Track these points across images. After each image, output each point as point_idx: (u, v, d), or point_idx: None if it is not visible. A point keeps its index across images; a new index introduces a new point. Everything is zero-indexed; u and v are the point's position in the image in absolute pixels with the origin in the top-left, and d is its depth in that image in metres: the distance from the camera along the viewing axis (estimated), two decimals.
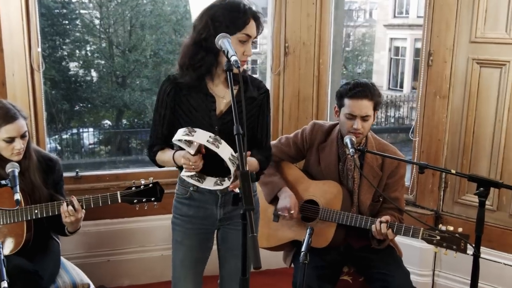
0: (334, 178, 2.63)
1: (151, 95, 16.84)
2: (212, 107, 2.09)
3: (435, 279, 3.24)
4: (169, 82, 2.10)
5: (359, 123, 2.50)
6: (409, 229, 2.37)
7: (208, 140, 1.91)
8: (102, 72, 16.51)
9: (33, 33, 3.14)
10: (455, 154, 3.10)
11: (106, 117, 16.50)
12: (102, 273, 3.41)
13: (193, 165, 1.97)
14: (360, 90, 2.50)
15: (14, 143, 2.41)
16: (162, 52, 16.96)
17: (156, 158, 2.19)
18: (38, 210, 2.40)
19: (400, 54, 19.88)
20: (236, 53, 1.82)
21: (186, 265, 2.21)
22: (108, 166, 14.28)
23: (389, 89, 19.97)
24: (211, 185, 2.05)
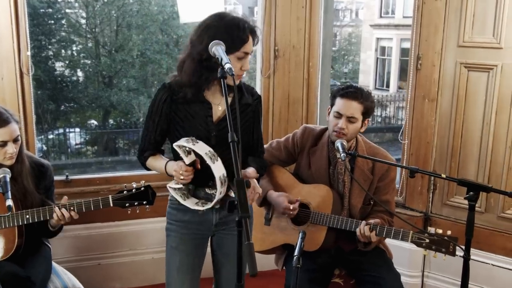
0: (324, 182, 2.65)
1: (138, 95, 16.77)
2: (208, 113, 2.11)
3: (424, 280, 3.28)
4: (165, 90, 2.11)
5: (343, 122, 2.53)
6: (399, 232, 2.40)
7: (206, 153, 1.97)
8: (89, 72, 16.41)
9: (22, 36, 3.12)
10: (444, 157, 3.14)
11: (93, 117, 16.40)
12: (93, 277, 3.40)
13: (183, 174, 2.00)
14: (352, 91, 2.55)
15: (7, 147, 2.39)
16: (149, 52, 16.90)
17: (147, 163, 2.22)
18: (29, 215, 2.39)
19: (386, 54, 20.01)
20: (233, 67, 1.83)
21: (183, 271, 2.21)
22: (96, 167, 14.21)
23: (375, 89, 20.11)
24: (192, 204, 2.10)
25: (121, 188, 3.58)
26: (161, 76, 16.53)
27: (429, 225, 3.21)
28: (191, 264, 2.22)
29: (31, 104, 3.26)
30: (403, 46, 19.25)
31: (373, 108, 2.60)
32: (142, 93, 16.39)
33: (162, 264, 3.57)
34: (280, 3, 3.49)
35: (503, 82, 2.89)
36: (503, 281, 2.98)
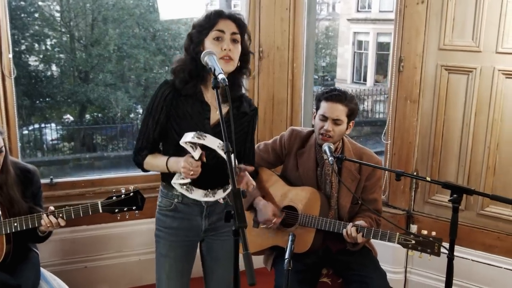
0: (312, 183, 2.70)
1: (115, 91, 16.57)
2: (206, 115, 2.13)
3: (407, 275, 3.37)
4: (168, 85, 2.13)
5: (329, 125, 2.58)
6: (386, 234, 2.46)
7: (218, 146, 1.98)
8: (64, 67, 16.13)
9: (4, 39, 3.09)
10: (425, 156, 3.22)
11: (69, 113, 16.16)
12: (79, 280, 3.39)
13: (194, 170, 1.99)
14: (336, 94, 2.61)
15: None
16: (126, 46, 16.67)
17: (145, 162, 2.18)
18: (17, 223, 2.39)
19: (363, 48, 20.18)
20: (216, 54, 1.95)
21: (172, 277, 2.23)
22: (73, 164, 14.03)
23: (353, 83, 20.28)
24: (200, 196, 2.09)
25: (106, 190, 3.62)
26: (138, 71, 16.37)
27: (412, 222, 3.30)
28: (181, 271, 2.25)
29: (14, 107, 3.23)
30: (379, 40, 19.45)
31: (357, 110, 2.66)
32: (119, 88, 16.21)
33: (149, 265, 3.61)
34: (264, 5, 3.51)
35: (482, 84, 2.98)
36: (482, 275, 3.09)
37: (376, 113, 16.73)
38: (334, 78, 21.73)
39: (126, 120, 16.64)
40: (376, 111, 16.84)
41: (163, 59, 17.41)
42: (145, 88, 17.08)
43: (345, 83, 20.00)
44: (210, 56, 1.92)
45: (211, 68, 1.86)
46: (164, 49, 17.60)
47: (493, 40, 2.92)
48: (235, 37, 2.07)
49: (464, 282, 3.09)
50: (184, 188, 2.09)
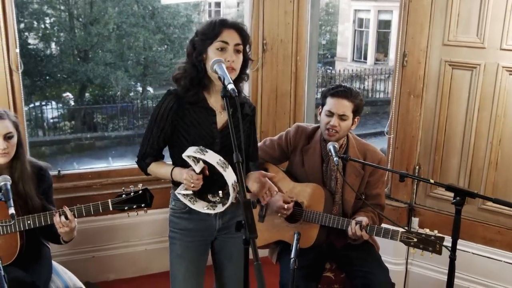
0: (317, 179, 2.75)
1: (115, 69, 16.51)
2: (213, 120, 2.18)
3: (408, 267, 3.44)
4: (172, 96, 2.17)
5: (335, 120, 2.63)
6: (388, 231, 2.52)
7: (217, 162, 2.04)
8: (63, 45, 16.04)
9: (11, 34, 3.10)
10: (428, 150, 3.26)
11: (69, 91, 16.12)
12: (87, 269, 3.47)
13: (194, 182, 2.06)
14: (342, 90, 2.65)
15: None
16: (125, 25, 16.56)
17: (149, 168, 2.27)
18: (30, 221, 2.43)
19: (364, 26, 20.04)
20: None
21: (189, 277, 2.29)
22: (74, 144, 14.06)
23: (353, 61, 20.19)
24: (201, 208, 2.16)
25: (113, 182, 3.68)
26: (137, 49, 16.29)
27: (413, 215, 3.36)
28: (196, 271, 2.31)
29: (21, 101, 3.27)
30: (380, 18, 19.30)
31: (362, 106, 2.70)
32: (119, 67, 16.16)
33: (155, 255, 3.70)
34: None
35: (486, 80, 3.00)
36: (482, 268, 3.16)
37: (377, 92, 16.68)
38: (334, 56, 21.64)
39: (126, 99, 16.63)
40: (377, 89, 16.80)
41: (162, 38, 17.30)
42: (144, 67, 17.02)
43: (345, 61, 19.93)
44: (219, 65, 1.95)
45: (221, 77, 1.89)
46: (163, 28, 17.47)
47: (498, 37, 2.93)
48: (238, 48, 2.11)
49: (465, 275, 3.16)
50: (187, 199, 2.15)
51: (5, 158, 2.44)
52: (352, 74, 16.33)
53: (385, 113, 15.18)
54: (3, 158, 2.43)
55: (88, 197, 3.41)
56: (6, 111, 2.51)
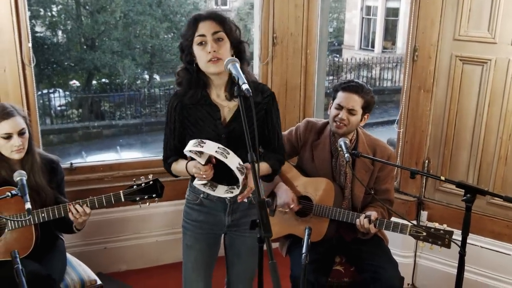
0: (327, 174, 2.78)
1: (122, 58, 16.51)
2: (217, 116, 2.20)
3: (416, 260, 3.48)
4: (176, 97, 2.23)
5: (344, 114, 2.66)
6: (398, 225, 2.55)
7: (216, 150, 2.03)
8: (70, 33, 16.05)
9: (23, 28, 3.13)
10: (437, 144, 3.28)
11: (76, 79, 16.15)
12: (99, 260, 3.53)
13: (204, 174, 2.09)
14: (353, 85, 2.68)
15: (12, 140, 2.46)
16: (132, 13, 16.53)
17: (171, 169, 2.31)
18: (45, 214, 2.48)
19: (372, 14, 19.90)
20: (204, 59, 2.06)
21: (198, 267, 2.34)
22: (82, 132, 14.12)
23: (360, 49, 20.07)
24: (222, 193, 2.18)
25: (124, 174, 3.72)
26: (144, 38, 16.28)
27: (422, 209, 3.38)
28: (205, 262, 2.36)
29: (34, 94, 3.30)
30: (388, 6, 19.15)
31: (373, 103, 2.71)
32: (126, 55, 16.16)
33: (165, 246, 3.76)
34: None
35: (496, 76, 3.00)
36: (491, 261, 3.19)
37: (384, 80, 16.60)
38: (341, 44, 21.51)
39: (133, 87, 16.66)
40: (384, 78, 16.70)
41: (169, 26, 17.26)
42: (151, 55, 17.02)
43: (353, 49, 19.82)
44: (233, 64, 1.96)
45: (235, 77, 1.91)
46: (170, 16, 17.43)
47: (509, 32, 2.92)
48: (218, 36, 2.09)
49: (473, 268, 3.19)
50: (207, 187, 2.18)
51: (21, 153, 2.49)
52: (360, 62, 16.24)
53: (392, 102, 15.11)
54: (19, 154, 2.48)
55: (100, 189, 3.44)
56: (15, 107, 2.55)
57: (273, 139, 2.32)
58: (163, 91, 16.31)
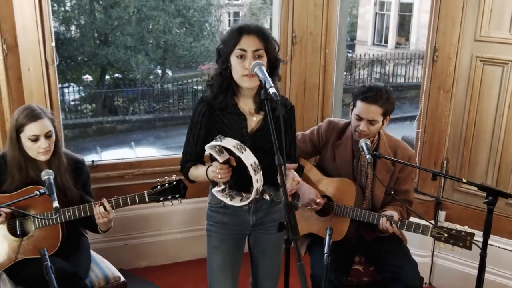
0: (348, 174, 2.80)
1: (135, 53, 16.57)
2: (243, 125, 2.24)
3: (434, 259, 3.49)
4: (204, 103, 2.25)
5: (364, 125, 2.66)
6: (419, 226, 2.57)
7: (234, 145, 2.07)
8: (84, 29, 16.15)
9: (47, 28, 3.19)
10: (457, 145, 3.28)
11: (89, 74, 16.27)
12: (120, 256, 3.59)
13: (220, 172, 2.11)
14: (372, 95, 2.64)
15: (39, 142, 2.51)
16: (145, 8, 16.58)
17: (189, 173, 2.34)
18: (71, 213, 2.54)
19: (385, 9, 19.77)
20: (239, 73, 2.10)
21: (225, 268, 2.37)
22: (96, 127, 14.22)
23: (373, 45, 19.96)
24: (238, 202, 2.22)
25: (144, 172, 3.77)
26: (157, 33, 16.35)
27: (440, 209, 3.39)
28: (232, 262, 2.39)
29: (57, 93, 3.38)
30: (402, 1, 19.01)
31: (393, 107, 2.70)
32: (140, 51, 16.23)
33: (185, 243, 3.81)
34: None
35: None
36: (509, 262, 3.20)
37: (397, 76, 16.51)
38: (354, 39, 21.41)
39: (146, 82, 16.75)
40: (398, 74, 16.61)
41: (182, 21, 17.30)
42: (164, 50, 17.08)
43: (366, 45, 19.72)
44: (260, 68, 1.99)
45: (262, 80, 1.94)
46: (183, 11, 17.46)
47: None
48: (259, 53, 2.12)
49: (492, 269, 3.19)
50: (224, 196, 2.21)
51: (47, 155, 2.54)
52: (373, 58, 16.16)
53: (405, 99, 15.04)
54: (45, 156, 2.53)
55: (121, 187, 3.51)
56: (42, 109, 2.59)
57: (292, 150, 2.40)
58: (175, 86, 16.37)
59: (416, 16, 18.05)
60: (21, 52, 3.11)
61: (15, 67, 3.12)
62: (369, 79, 16.64)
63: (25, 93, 3.19)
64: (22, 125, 2.48)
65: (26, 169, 2.54)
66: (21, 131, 2.49)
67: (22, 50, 3.11)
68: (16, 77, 3.14)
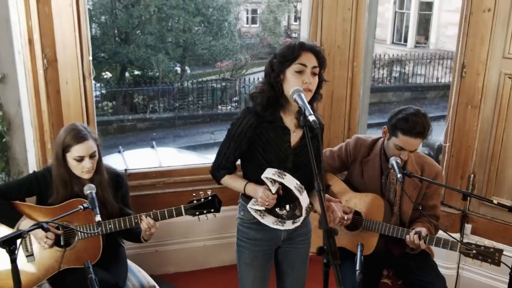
0: (376, 190, 2.87)
1: (156, 52, 16.72)
2: (287, 139, 2.32)
3: (459, 272, 3.54)
4: (251, 114, 2.30)
5: (406, 155, 2.72)
6: (448, 242, 2.63)
7: (295, 186, 2.18)
8: (105, 27, 16.35)
9: (85, 43, 3.29)
10: (484, 160, 3.33)
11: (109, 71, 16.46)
12: (150, 262, 3.70)
13: (270, 202, 2.23)
14: (416, 132, 2.64)
15: (84, 162, 2.62)
16: (166, 7, 16.71)
17: (223, 180, 2.42)
18: (112, 225, 2.65)
19: (405, 7, 19.65)
20: (296, 86, 2.14)
21: (256, 282, 2.47)
22: (117, 125, 14.38)
23: (392, 43, 19.85)
24: (271, 223, 2.31)
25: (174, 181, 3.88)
26: (177, 32, 16.48)
27: (466, 222, 3.44)
28: (263, 277, 2.48)
29: (93, 104, 3.47)
30: (422, 0, 18.87)
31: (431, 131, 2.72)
32: (160, 49, 16.38)
33: (212, 250, 3.91)
34: (327, 5, 3.60)
35: None
36: None
37: (417, 76, 16.43)
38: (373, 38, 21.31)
39: (165, 80, 16.90)
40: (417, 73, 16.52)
41: (202, 20, 17.40)
42: (184, 49, 17.20)
43: (385, 43, 19.64)
44: (299, 94, 2.07)
45: (302, 108, 2.02)
46: (203, 9, 17.55)
47: None
48: (315, 71, 2.22)
49: None
50: (258, 213, 2.30)
51: (90, 174, 2.65)
52: (393, 59, 16.10)
53: (425, 99, 14.97)
54: (89, 174, 2.65)
55: (153, 195, 3.63)
56: (87, 129, 2.70)
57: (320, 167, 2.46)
58: (195, 84, 16.48)
59: (436, 15, 17.91)
60: (60, 66, 3.23)
61: (54, 81, 3.24)
62: (388, 78, 16.56)
63: (63, 105, 3.32)
64: (68, 145, 2.60)
65: (71, 185, 2.66)
66: (67, 151, 2.60)
67: (61, 64, 3.23)
68: (55, 90, 3.26)
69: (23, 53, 3.10)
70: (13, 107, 3.30)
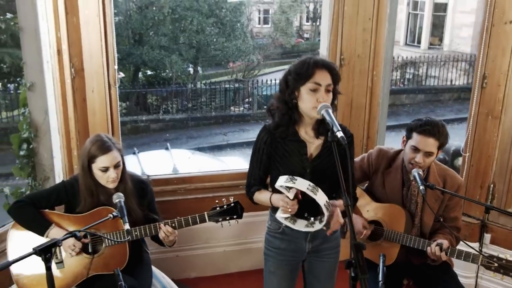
0: (398, 201, 2.90)
1: (169, 53, 16.83)
2: (304, 151, 2.37)
3: (478, 281, 3.57)
4: (266, 131, 2.39)
5: (421, 158, 2.74)
6: (470, 255, 2.66)
7: (308, 187, 2.21)
8: (119, 28, 16.48)
9: (110, 52, 3.37)
10: (504, 170, 3.35)
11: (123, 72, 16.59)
12: (171, 267, 3.75)
13: (290, 208, 2.27)
14: (429, 129, 2.71)
15: (109, 172, 2.69)
16: (180, 8, 16.81)
17: (254, 197, 2.50)
18: (138, 232, 2.72)
19: (419, 9, 19.59)
20: (311, 104, 2.20)
21: None
22: (131, 126, 14.50)
23: (406, 45, 19.79)
24: (302, 227, 2.35)
25: (195, 187, 3.94)
26: (190, 33, 16.58)
27: (486, 231, 3.46)
28: (287, 287, 2.53)
29: (117, 112, 3.54)
30: (436, 1, 18.80)
31: (447, 141, 2.77)
32: (173, 51, 16.49)
33: (232, 256, 3.97)
34: (348, 15, 3.64)
35: None
36: None
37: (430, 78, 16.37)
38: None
39: (179, 81, 16.99)
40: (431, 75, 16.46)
41: (215, 21, 17.47)
42: (197, 50, 17.30)
43: (398, 45, 19.58)
44: (327, 110, 2.12)
45: (329, 123, 2.07)
46: (216, 10, 17.63)
47: None
48: (329, 88, 2.26)
49: None
50: (288, 220, 2.35)
51: (115, 183, 2.72)
52: (406, 60, 16.05)
53: (439, 101, 14.91)
54: (113, 184, 2.72)
55: (174, 201, 3.70)
56: (111, 139, 2.77)
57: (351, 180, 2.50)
58: (207, 85, 16.54)
59: (450, 17, 17.83)
60: (86, 75, 3.31)
61: (80, 89, 3.32)
62: (401, 80, 16.51)
63: (89, 113, 3.39)
64: (93, 156, 2.67)
65: (97, 194, 2.73)
66: (93, 162, 2.68)
67: (87, 73, 3.31)
68: (82, 98, 3.34)
69: (51, 62, 3.18)
70: (41, 114, 3.39)
